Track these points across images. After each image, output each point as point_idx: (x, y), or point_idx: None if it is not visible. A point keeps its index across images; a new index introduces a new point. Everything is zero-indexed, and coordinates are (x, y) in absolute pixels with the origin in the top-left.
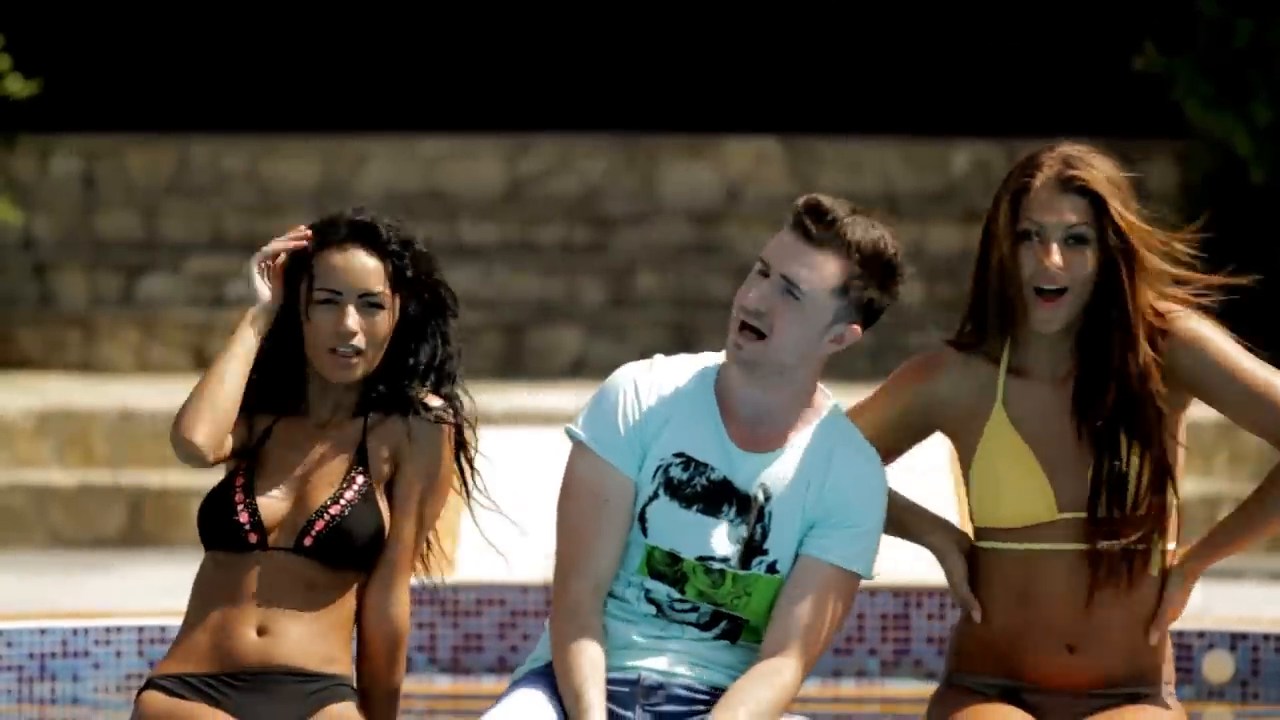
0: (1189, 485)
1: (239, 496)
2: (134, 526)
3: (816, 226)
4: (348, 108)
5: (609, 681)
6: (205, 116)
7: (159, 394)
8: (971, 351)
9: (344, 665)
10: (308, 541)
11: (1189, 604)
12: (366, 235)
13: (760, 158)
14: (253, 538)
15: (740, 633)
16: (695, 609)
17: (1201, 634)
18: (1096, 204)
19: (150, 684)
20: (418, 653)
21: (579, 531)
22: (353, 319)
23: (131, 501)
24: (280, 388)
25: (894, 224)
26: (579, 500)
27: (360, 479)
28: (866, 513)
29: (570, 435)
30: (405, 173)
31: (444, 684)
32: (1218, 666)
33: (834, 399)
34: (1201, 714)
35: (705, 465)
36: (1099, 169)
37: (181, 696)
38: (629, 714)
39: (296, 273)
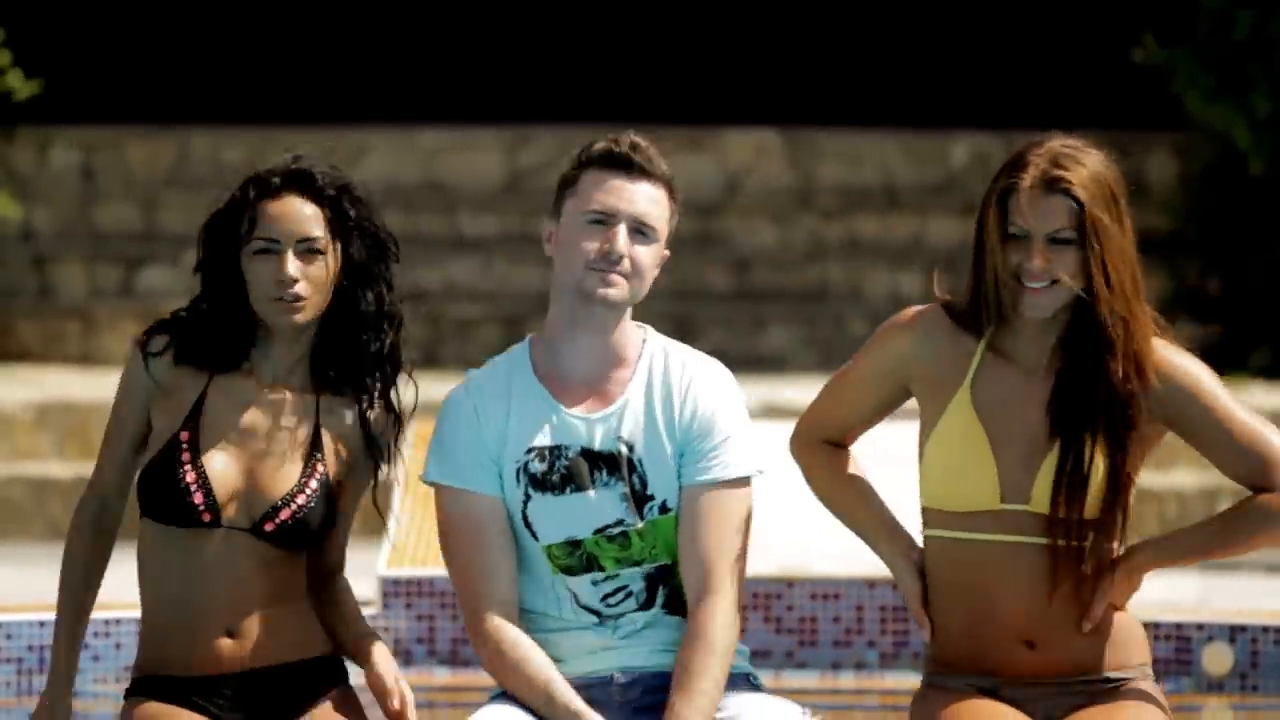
0: (1187, 478)
1: (189, 472)
2: (133, 519)
3: (644, 158)
4: (347, 99)
5: (582, 685)
6: (205, 108)
7: None
8: (961, 324)
9: (320, 641)
10: (269, 527)
11: (1190, 597)
12: (301, 182)
13: (760, 150)
14: (206, 517)
15: (681, 595)
16: (628, 593)
17: (1200, 626)
18: (1079, 209)
19: (136, 687)
20: (416, 645)
21: (470, 567)
22: (292, 265)
23: (130, 493)
24: (221, 344)
25: (894, 216)
26: (458, 538)
27: (320, 468)
28: (729, 417)
29: (426, 482)
30: (405, 164)
31: (443, 676)
32: (1217, 659)
33: (644, 326)
34: (1201, 706)
35: (558, 448)
36: (1086, 168)
37: (173, 702)
38: (609, 714)
39: (234, 226)
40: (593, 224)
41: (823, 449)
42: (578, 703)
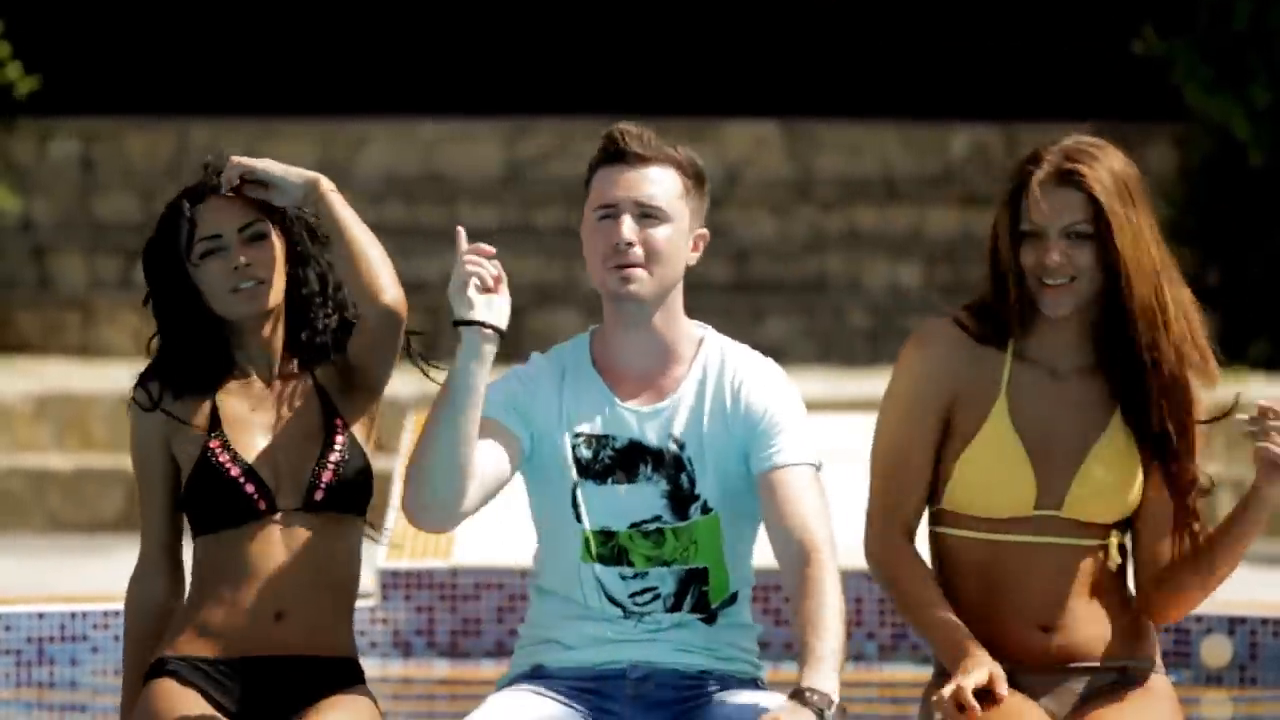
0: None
1: (233, 470)
2: (132, 510)
3: (639, 144)
4: (346, 91)
5: (593, 676)
6: (204, 100)
7: None
8: (980, 335)
9: (349, 647)
10: (318, 496)
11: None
12: (215, 187)
13: (759, 141)
14: (262, 504)
15: (708, 599)
16: (656, 594)
17: (1199, 618)
18: (1095, 201)
19: (161, 664)
20: (415, 637)
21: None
22: (242, 254)
23: (130, 485)
24: (206, 365)
25: (893, 207)
26: None
27: (338, 423)
28: (788, 409)
29: None
30: (404, 156)
31: (442, 669)
32: (1216, 651)
33: (704, 326)
34: (1200, 698)
35: (606, 437)
36: (1101, 163)
37: (191, 683)
38: (619, 707)
39: (174, 246)
40: (602, 220)
41: (907, 552)
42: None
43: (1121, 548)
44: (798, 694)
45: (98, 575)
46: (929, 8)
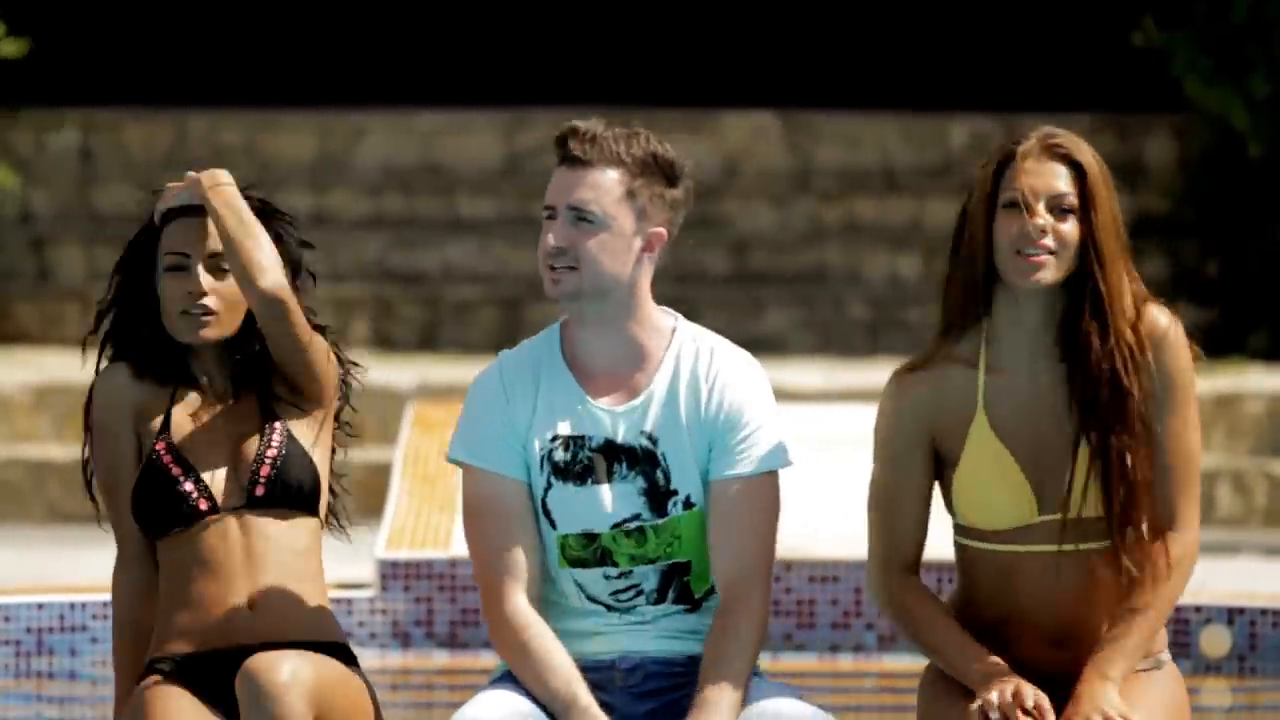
0: None
1: (175, 470)
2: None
3: (581, 147)
4: (345, 82)
5: (583, 667)
6: (203, 90)
7: None
8: (944, 362)
9: (336, 631)
10: (259, 492)
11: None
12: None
13: (758, 133)
14: (203, 504)
15: (691, 589)
16: (639, 590)
17: (1199, 609)
18: (1081, 175)
19: (148, 667)
20: (414, 627)
21: (496, 550)
22: (203, 279)
23: None
24: (161, 355)
25: (892, 198)
26: (484, 520)
27: (278, 424)
28: (755, 409)
29: (452, 461)
30: (402, 147)
31: (441, 659)
32: (1215, 641)
33: (675, 315)
34: (1199, 688)
35: (582, 438)
36: (1083, 147)
37: (177, 679)
38: (610, 698)
39: (149, 253)
40: (545, 221)
41: (911, 588)
42: (596, 710)
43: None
44: None
45: (97, 566)
46: None
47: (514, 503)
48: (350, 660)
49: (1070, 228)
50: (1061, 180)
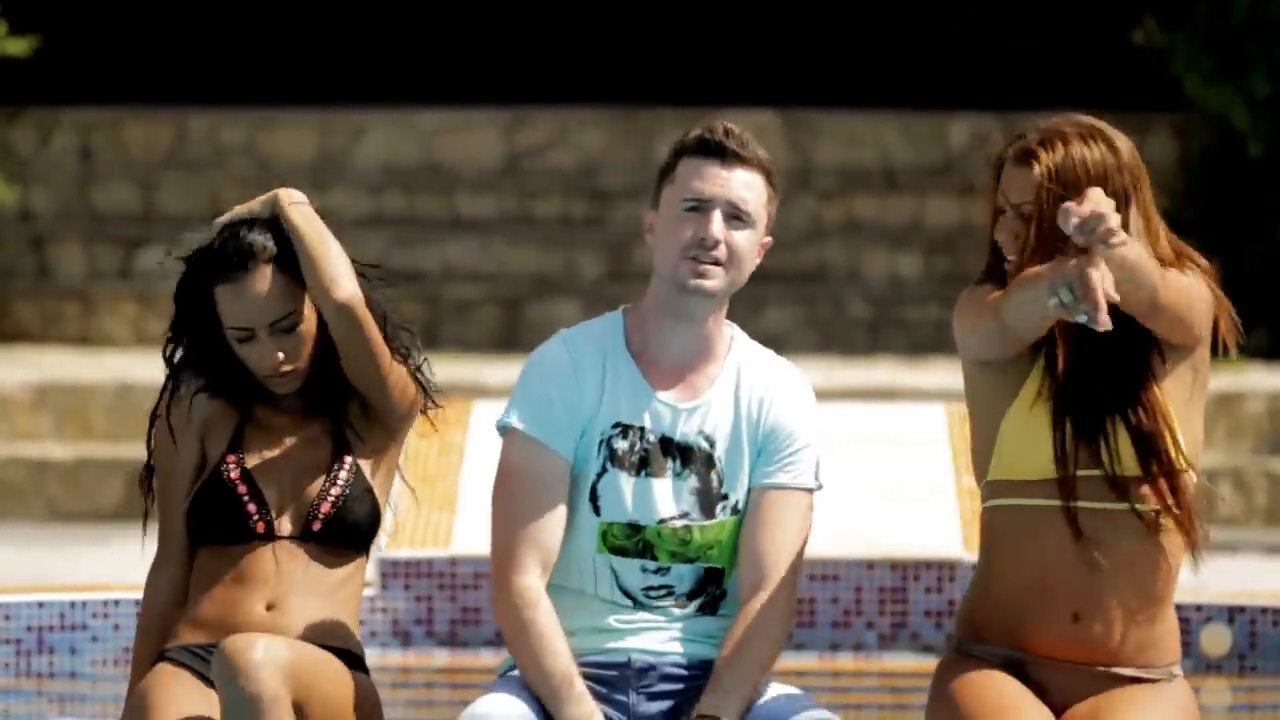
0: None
1: (241, 487)
2: (132, 500)
3: (738, 144)
4: (345, 80)
5: (597, 665)
6: (203, 89)
7: (157, 367)
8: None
9: (351, 640)
10: (316, 526)
11: (1188, 577)
12: (248, 259)
13: (758, 131)
14: (260, 527)
15: (719, 599)
16: (671, 591)
17: (1199, 607)
18: (1041, 185)
19: (159, 656)
20: (415, 626)
21: (525, 518)
22: (272, 349)
23: (129, 475)
24: (235, 380)
25: (892, 197)
26: (521, 485)
27: (348, 459)
28: (805, 427)
29: (501, 429)
30: (403, 146)
31: (442, 658)
32: (1215, 639)
33: (731, 324)
34: (1199, 687)
35: (642, 429)
36: (1071, 148)
37: (186, 666)
38: (623, 698)
39: (204, 297)
40: (689, 211)
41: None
42: (590, 705)
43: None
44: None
45: (97, 565)
46: None
47: (556, 477)
48: (356, 664)
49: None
50: (1025, 189)
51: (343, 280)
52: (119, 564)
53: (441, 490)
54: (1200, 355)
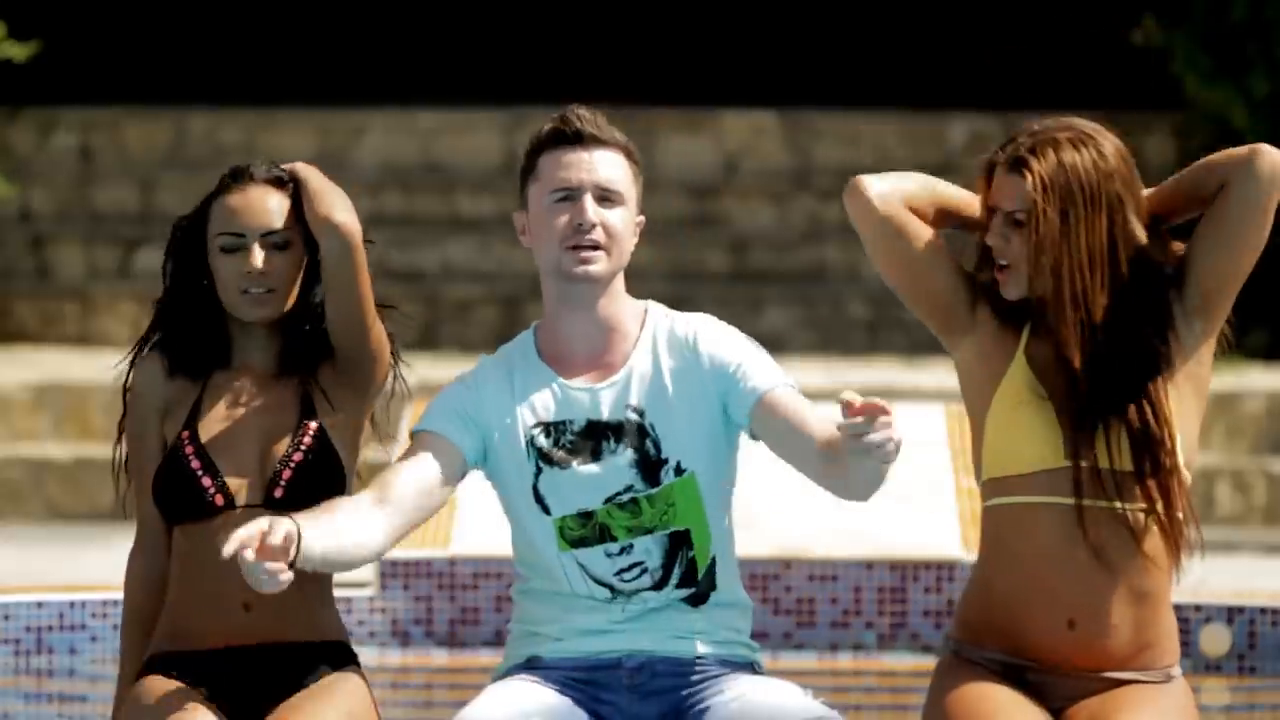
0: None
1: (195, 463)
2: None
3: (594, 126)
4: (344, 80)
5: (588, 666)
6: (202, 89)
7: None
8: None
9: (335, 630)
10: (278, 494)
11: (1188, 577)
12: (252, 174)
13: (757, 131)
14: (219, 500)
15: (695, 565)
16: (643, 568)
17: (1198, 607)
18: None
19: (148, 664)
20: (414, 626)
21: (389, 473)
22: (259, 258)
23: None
24: (201, 347)
25: None
26: (402, 459)
27: (313, 424)
28: (747, 347)
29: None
30: (402, 145)
31: (441, 658)
32: (1214, 640)
33: (644, 302)
34: (1198, 688)
35: (563, 422)
36: (1063, 155)
37: (176, 676)
38: (616, 697)
39: (201, 226)
40: (559, 202)
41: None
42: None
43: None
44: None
45: (96, 565)
46: None
47: (437, 451)
48: (350, 659)
49: (1020, 243)
50: (1015, 197)
51: (345, 208)
52: (118, 564)
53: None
54: (1206, 355)
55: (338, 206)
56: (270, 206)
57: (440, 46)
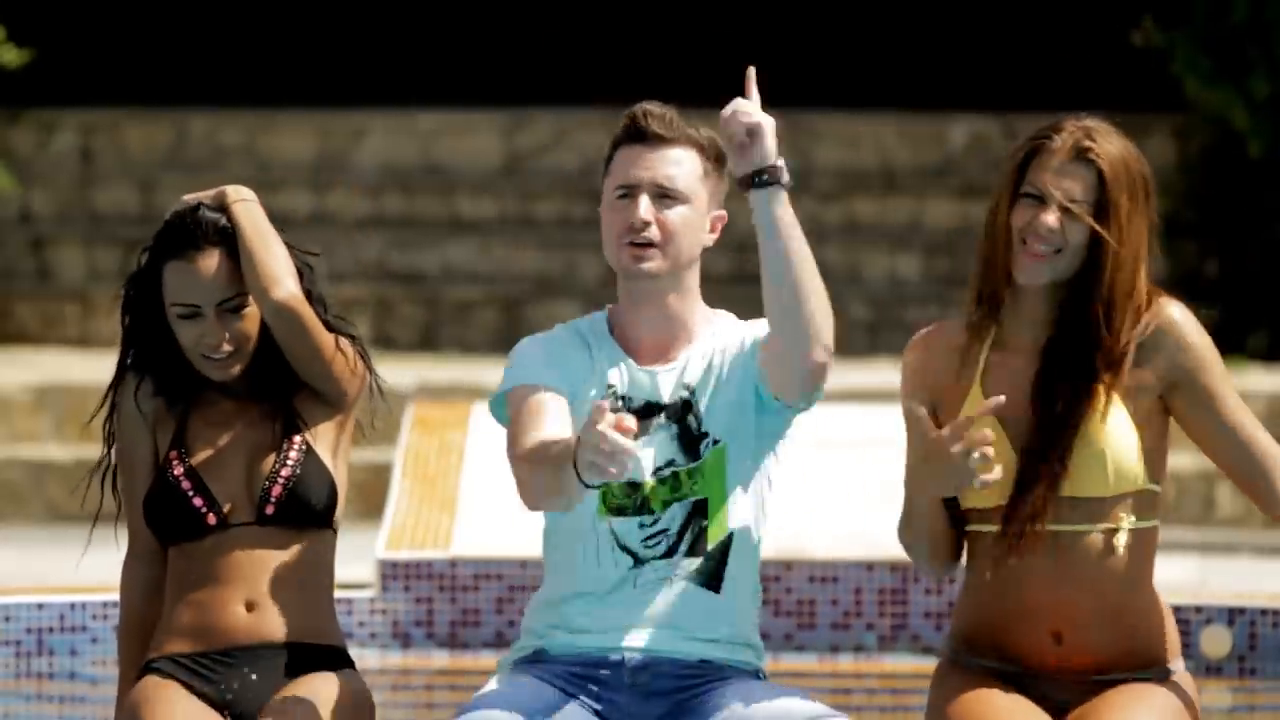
0: (1184, 460)
1: (186, 484)
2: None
3: (661, 125)
4: (345, 82)
5: (591, 663)
6: (203, 91)
7: None
8: (956, 332)
9: (334, 635)
10: (269, 510)
11: (1189, 579)
12: (198, 237)
13: None
14: (211, 519)
15: (706, 536)
16: (664, 535)
17: (1199, 609)
18: (1103, 184)
19: (145, 667)
20: (414, 628)
21: (526, 421)
22: (217, 328)
23: None
24: (174, 380)
25: (891, 198)
26: (521, 408)
27: (297, 438)
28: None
29: (498, 400)
30: (402, 147)
31: (442, 659)
32: (1215, 641)
33: (719, 311)
34: (1199, 689)
35: (626, 398)
36: (1118, 151)
37: (173, 677)
38: (617, 696)
39: (155, 284)
40: (620, 199)
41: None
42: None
43: (1139, 532)
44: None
45: (97, 566)
46: None
47: (555, 398)
48: (346, 663)
49: (1083, 231)
50: (1082, 186)
51: (282, 279)
52: (118, 566)
53: (441, 491)
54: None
55: (277, 282)
56: (221, 272)
57: (440, 48)
